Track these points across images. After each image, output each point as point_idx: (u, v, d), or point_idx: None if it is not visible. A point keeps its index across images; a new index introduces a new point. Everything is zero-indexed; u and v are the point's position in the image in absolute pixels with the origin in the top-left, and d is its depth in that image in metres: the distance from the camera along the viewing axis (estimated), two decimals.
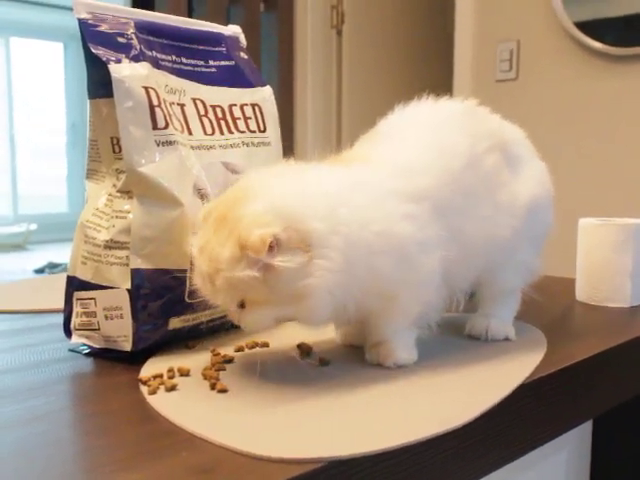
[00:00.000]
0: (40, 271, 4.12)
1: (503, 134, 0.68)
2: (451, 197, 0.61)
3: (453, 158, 0.62)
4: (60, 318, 0.69)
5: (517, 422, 0.58)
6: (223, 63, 0.75)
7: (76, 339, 0.67)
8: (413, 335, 0.62)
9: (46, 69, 5.78)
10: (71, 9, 0.63)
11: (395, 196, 0.58)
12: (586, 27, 2.17)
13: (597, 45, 2.14)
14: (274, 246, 0.52)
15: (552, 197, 0.71)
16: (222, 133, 0.71)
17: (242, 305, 0.55)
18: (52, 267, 4.18)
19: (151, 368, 0.60)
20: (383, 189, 0.58)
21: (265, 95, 0.77)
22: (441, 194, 0.60)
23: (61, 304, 0.69)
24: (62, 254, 4.15)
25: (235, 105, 0.73)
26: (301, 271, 0.52)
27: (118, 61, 0.62)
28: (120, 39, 0.64)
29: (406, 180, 0.59)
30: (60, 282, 0.70)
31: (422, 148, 0.63)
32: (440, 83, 2.70)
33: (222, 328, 0.70)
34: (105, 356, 0.65)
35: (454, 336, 0.71)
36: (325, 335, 0.67)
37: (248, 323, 0.56)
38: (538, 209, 0.68)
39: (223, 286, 0.54)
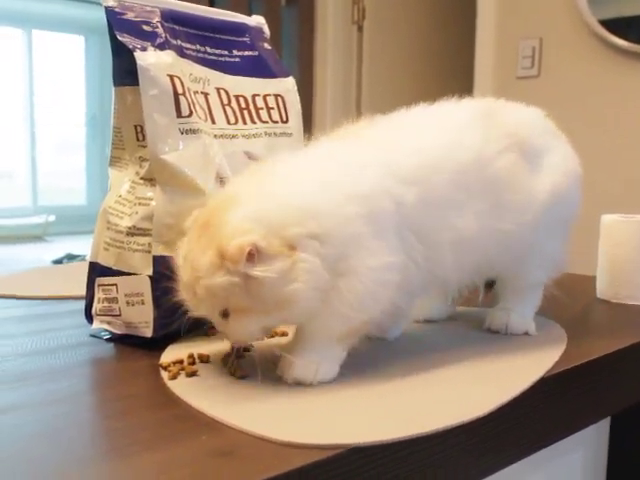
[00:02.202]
0: (58, 262, 4.14)
1: (522, 131, 0.65)
2: (444, 187, 0.59)
3: (459, 150, 0.60)
4: (80, 304, 0.70)
5: (535, 417, 0.57)
6: (247, 53, 0.75)
7: (97, 325, 0.67)
8: (337, 353, 0.56)
9: (67, 62, 5.82)
10: (92, 2, 0.64)
11: (382, 171, 0.56)
12: (610, 25, 2.15)
13: (621, 43, 2.12)
14: (254, 254, 0.49)
15: (579, 178, 0.69)
16: (245, 123, 0.71)
17: (225, 314, 0.52)
18: (70, 258, 4.20)
19: (171, 354, 0.60)
20: (369, 164, 0.56)
21: (288, 86, 0.77)
22: (433, 181, 0.58)
23: (80, 291, 0.69)
24: (80, 246, 4.17)
25: (258, 95, 0.74)
26: (284, 277, 0.50)
27: (144, 49, 0.63)
28: (146, 27, 0.65)
29: (395, 157, 0.58)
30: (78, 270, 0.71)
31: (428, 137, 0.61)
32: (461, 80, 2.69)
33: None
34: (126, 342, 0.65)
35: (473, 330, 0.71)
36: None
37: (233, 333, 0.54)
38: (559, 200, 0.66)
39: (203, 295, 0.51)
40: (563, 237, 0.70)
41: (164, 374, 0.56)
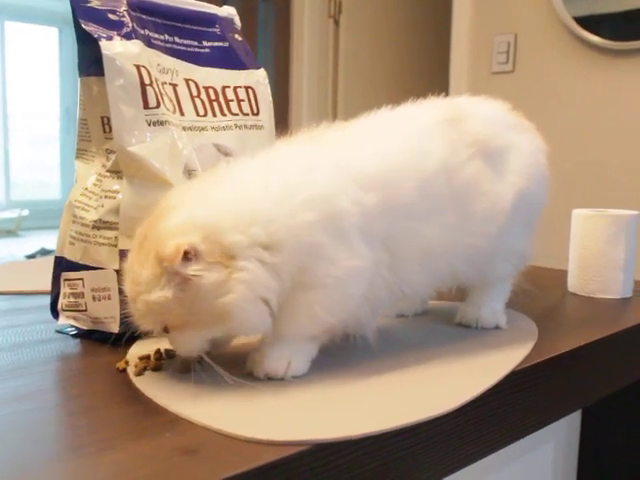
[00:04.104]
0: (32, 257, 4.09)
1: (484, 136, 0.64)
2: (408, 195, 0.57)
3: (422, 158, 0.59)
4: (47, 299, 0.69)
5: (506, 411, 0.57)
6: (217, 44, 0.74)
7: (63, 320, 0.66)
8: (309, 348, 0.56)
9: (41, 54, 5.74)
10: None
11: (338, 172, 0.55)
12: (584, 21, 2.17)
13: (595, 39, 2.14)
14: (191, 256, 0.48)
15: (544, 174, 0.69)
16: (214, 115, 0.70)
17: (166, 330, 0.51)
18: (44, 253, 4.15)
19: (138, 350, 0.59)
20: (329, 168, 0.55)
21: (259, 78, 0.76)
22: (396, 186, 0.57)
23: (49, 286, 0.68)
24: (54, 241, 4.12)
25: (228, 87, 0.73)
26: (219, 288, 0.48)
27: (109, 38, 0.61)
28: (112, 16, 0.63)
29: (353, 160, 0.56)
30: (49, 265, 0.70)
31: (389, 142, 0.60)
32: (437, 74, 2.69)
33: None
34: (92, 337, 0.64)
35: (445, 324, 0.71)
36: None
37: (178, 347, 0.53)
38: (524, 203, 0.65)
39: (143, 310, 0.50)
40: (530, 231, 0.70)
41: (130, 370, 0.55)
